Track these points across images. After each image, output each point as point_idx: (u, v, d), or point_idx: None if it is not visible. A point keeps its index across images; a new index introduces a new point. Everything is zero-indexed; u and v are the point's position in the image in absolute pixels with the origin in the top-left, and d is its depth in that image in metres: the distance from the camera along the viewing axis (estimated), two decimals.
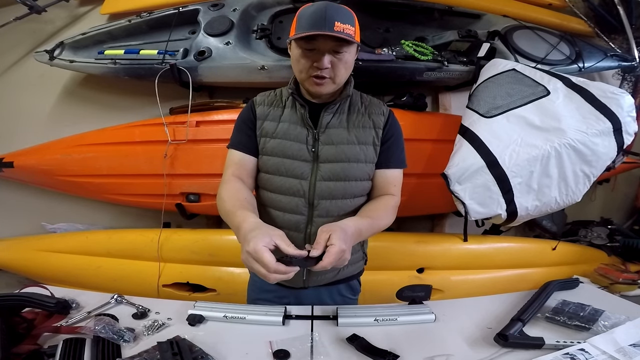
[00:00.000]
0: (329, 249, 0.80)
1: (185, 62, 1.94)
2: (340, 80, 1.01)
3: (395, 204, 1.07)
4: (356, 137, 1.05)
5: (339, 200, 1.05)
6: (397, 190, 1.09)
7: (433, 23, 2.20)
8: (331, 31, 0.92)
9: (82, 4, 2.39)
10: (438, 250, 1.97)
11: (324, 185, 1.04)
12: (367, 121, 1.07)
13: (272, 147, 1.06)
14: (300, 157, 1.04)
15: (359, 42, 1.01)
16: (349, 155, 1.04)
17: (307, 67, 0.99)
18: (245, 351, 0.91)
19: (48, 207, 2.32)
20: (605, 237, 2.25)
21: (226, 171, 1.08)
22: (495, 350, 0.92)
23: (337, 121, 1.05)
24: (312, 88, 1.02)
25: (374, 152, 1.07)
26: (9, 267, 2.09)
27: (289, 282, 1.13)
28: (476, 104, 1.77)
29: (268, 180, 1.08)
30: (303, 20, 0.97)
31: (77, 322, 1.01)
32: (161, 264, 1.90)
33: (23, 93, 2.35)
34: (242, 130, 1.09)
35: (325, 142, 1.04)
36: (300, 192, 1.04)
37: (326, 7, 0.95)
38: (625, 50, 2.22)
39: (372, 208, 1.05)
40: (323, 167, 1.04)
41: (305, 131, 1.05)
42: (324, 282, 1.15)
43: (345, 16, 0.96)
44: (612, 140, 1.58)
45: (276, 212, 1.08)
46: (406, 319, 1.03)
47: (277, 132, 1.06)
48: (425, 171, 1.94)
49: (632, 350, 0.87)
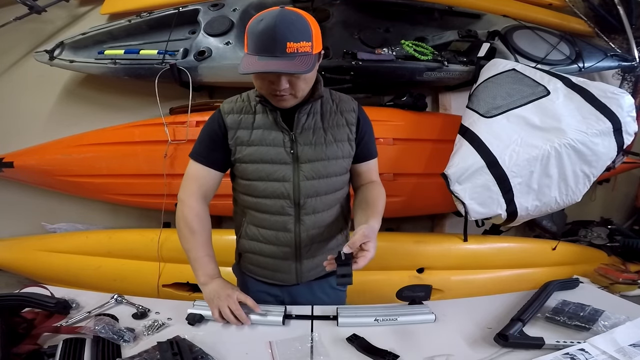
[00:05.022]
0: (366, 254, 0.89)
1: (185, 62, 1.94)
2: (303, 93, 1.00)
3: (382, 187, 1.15)
4: (332, 135, 1.07)
5: (324, 196, 1.09)
6: (377, 175, 1.19)
7: (433, 23, 2.20)
8: (283, 54, 0.87)
9: (82, 4, 2.39)
10: (438, 250, 1.97)
11: (308, 184, 1.05)
12: (340, 119, 1.09)
13: (249, 155, 1.05)
14: (279, 160, 1.04)
15: (319, 51, 0.95)
16: (328, 154, 1.06)
17: (265, 86, 0.97)
18: (245, 351, 0.91)
19: (48, 207, 2.32)
20: (605, 237, 2.25)
21: (190, 184, 1.09)
22: (495, 350, 0.92)
23: (312, 121, 1.06)
24: (275, 104, 1.01)
25: (350, 147, 1.10)
26: (9, 267, 2.09)
27: (281, 280, 1.16)
28: (476, 104, 1.77)
29: (250, 186, 1.08)
30: (253, 38, 0.91)
31: (77, 322, 1.01)
32: (161, 264, 1.90)
33: (23, 93, 2.35)
34: (209, 144, 1.08)
35: (304, 142, 1.05)
36: (285, 194, 1.05)
37: (275, 25, 0.87)
38: (625, 50, 2.22)
39: (374, 202, 1.08)
40: (304, 167, 1.05)
41: (281, 134, 1.04)
42: (314, 276, 1.17)
43: (298, 31, 0.89)
44: (612, 140, 1.58)
45: (263, 215, 1.09)
46: (406, 319, 1.03)
47: (252, 140, 1.05)
48: (425, 171, 1.94)
49: (632, 350, 0.87)
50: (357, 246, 0.88)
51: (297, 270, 1.13)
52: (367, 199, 1.10)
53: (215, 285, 1.04)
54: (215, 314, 1.00)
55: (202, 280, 1.06)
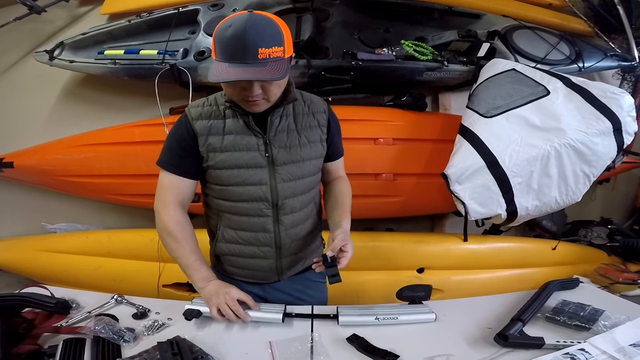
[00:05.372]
0: (346, 254, 1.00)
1: (185, 62, 1.94)
2: (276, 97, 0.99)
3: (348, 182, 1.23)
4: (306, 137, 1.08)
5: (301, 196, 1.10)
6: (344, 170, 1.25)
7: (433, 23, 2.20)
8: (254, 60, 0.86)
9: (82, 4, 2.39)
10: (438, 250, 1.97)
11: (285, 186, 1.06)
12: (313, 120, 1.10)
13: (223, 161, 1.03)
14: (255, 164, 1.04)
15: (290, 55, 0.94)
16: (303, 155, 1.07)
17: (237, 93, 0.96)
18: (245, 351, 0.91)
19: (48, 207, 2.32)
20: (605, 237, 2.25)
21: (165, 195, 1.07)
22: (495, 350, 0.92)
23: (286, 124, 1.06)
24: (248, 109, 0.99)
25: (322, 147, 1.12)
26: (9, 267, 2.09)
27: (262, 279, 1.16)
28: (476, 104, 1.77)
29: (225, 191, 1.07)
30: (222, 44, 0.88)
31: (77, 322, 1.01)
32: (161, 264, 1.90)
33: (23, 93, 2.34)
34: (179, 152, 1.04)
35: (278, 145, 1.04)
36: (263, 197, 1.05)
37: (245, 31, 0.85)
38: (625, 50, 2.22)
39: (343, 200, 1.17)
40: (281, 170, 1.05)
41: (254, 138, 1.03)
42: (295, 272, 1.19)
43: (269, 36, 0.87)
44: (612, 140, 1.58)
45: (240, 218, 1.09)
46: (407, 317, 1.03)
47: (224, 145, 1.03)
48: (425, 171, 1.93)
49: (632, 350, 0.87)
50: (338, 249, 0.99)
51: (278, 268, 1.14)
52: (337, 196, 1.18)
53: (213, 285, 1.04)
54: (213, 312, 1.00)
55: (199, 285, 1.06)
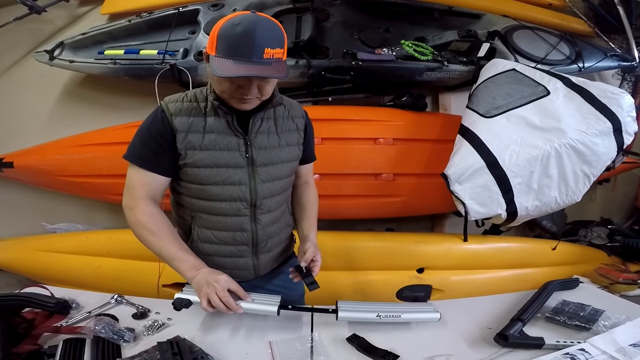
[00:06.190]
0: (317, 263, 1.09)
1: (185, 62, 1.94)
2: (267, 97, 1.01)
3: (315, 188, 1.29)
4: (285, 139, 1.10)
5: (277, 196, 1.13)
6: (312, 176, 1.30)
7: (433, 23, 2.20)
8: (259, 59, 0.88)
9: (82, 4, 2.39)
10: (438, 250, 1.97)
11: (264, 186, 1.08)
12: (292, 124, 1.12)
13: (202, 159, 1.02)
14: (234, 164, 1.04)
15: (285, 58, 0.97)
16: (282, 157, 1.10)
17: (232, 90, 0.96)
18: (245, 351, 0.92)
19: (48, 207, 2.32)
20: (605, 237, 2.25)
21: (136, 191, 1.01)
22: (495, 350, 0.92)
23: (267, 126, 1.07)
24: (237, 106, 0.99)
25: (299, 150, 1.15)
26: (9, 267, 2.09)
27: (239, 277, 1.11)
28: (476, 104, 1.77)
29: (202, 190, 1.05)
30: (229, 41, 0.89)
31: (77, 322, 1.01)
32: (161, 264, 1.89)
33: (23, 93, 2.34)
34: (155, 147, 1.00)
35: (259, 146, 1.05)
36: (242, 197, 1.06)
37: (255, 30, 0.87)
38: (625, 50, 2.22)
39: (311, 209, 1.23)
40: (260, 171, 1.06)
41: (235, 138, 1.03)
42: (271, 269, 1.20)
43: (275, 38, 0.90)
44: (612, 140, 1.58)
45: (217, 218, 1.08)
46: (410, 316, 1.03)
47: (204, 144, 1.02)
48: (425, 171, 1.94)
49: (632, 350, 0.87)
50: (310, 260, 1.07)
51: (254, 266, 1.15)
52: (305, 206, 1.24)
53: (202, 274, 0.97)
54: (204, 304, 0.93)
55: (188, 275, 0.98)
